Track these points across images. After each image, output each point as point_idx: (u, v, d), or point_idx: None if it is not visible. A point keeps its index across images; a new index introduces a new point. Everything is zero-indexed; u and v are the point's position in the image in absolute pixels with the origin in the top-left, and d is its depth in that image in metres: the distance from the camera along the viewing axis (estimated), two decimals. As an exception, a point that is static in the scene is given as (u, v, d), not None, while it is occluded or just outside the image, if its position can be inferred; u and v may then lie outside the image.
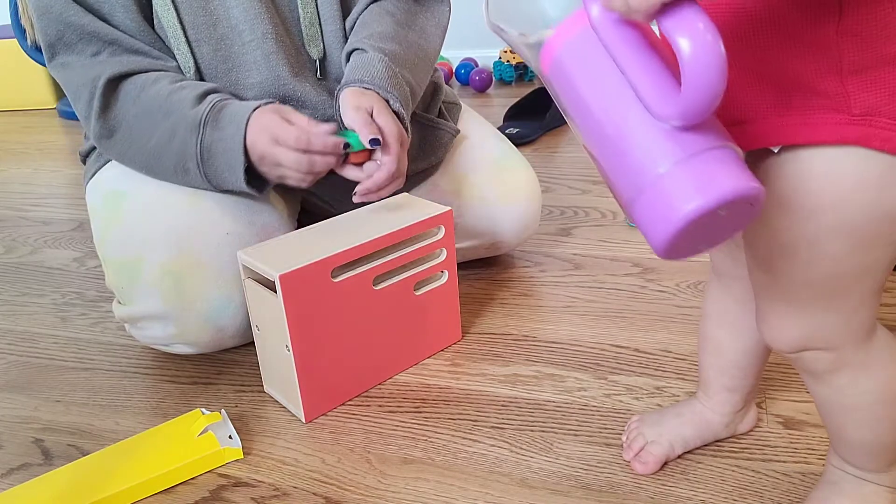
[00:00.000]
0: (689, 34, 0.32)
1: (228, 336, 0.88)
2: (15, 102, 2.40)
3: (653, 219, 0.36)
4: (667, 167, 0.36)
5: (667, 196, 0.36)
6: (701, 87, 0.33)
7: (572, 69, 0.38)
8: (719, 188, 0.35)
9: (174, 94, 0.82)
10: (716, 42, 0.33)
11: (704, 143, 0.36)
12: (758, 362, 0.67)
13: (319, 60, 0.93)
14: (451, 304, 0.91)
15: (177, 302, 0.83)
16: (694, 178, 0.35)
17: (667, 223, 0.36)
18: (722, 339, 0.66)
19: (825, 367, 0.53)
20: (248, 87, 0.89)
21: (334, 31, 0.92)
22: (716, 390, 0.69)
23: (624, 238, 1.18)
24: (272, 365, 0.82)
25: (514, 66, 2.23)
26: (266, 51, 0.87)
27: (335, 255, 0.76)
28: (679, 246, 0.37)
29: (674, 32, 0.33)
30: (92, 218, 0.92)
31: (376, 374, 0.86)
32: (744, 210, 0.38)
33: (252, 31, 0.86)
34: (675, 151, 0.36)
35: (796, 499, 0.66)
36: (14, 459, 0.78)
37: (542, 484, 0.70)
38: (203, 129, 0.80)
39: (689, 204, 0.35)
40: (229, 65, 0.88)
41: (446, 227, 0.86)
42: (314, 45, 0.92)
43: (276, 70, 0.88)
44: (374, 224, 0.82)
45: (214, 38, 0.87)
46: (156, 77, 0.84)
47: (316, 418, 0.81)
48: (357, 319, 0.81)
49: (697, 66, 0.33)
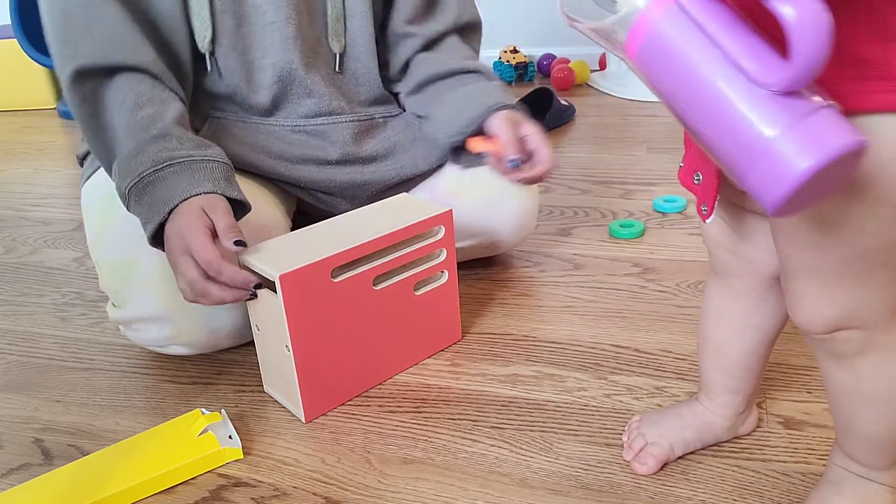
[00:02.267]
0: (791, 1, 0.34)
1: (223, 336, 0.88)
2: (15, 102, 2.40)
3: (770, 179, 0.38)
4: (780, 129, 0.37)
5: (783, 157, 0.37)
6: (810, 52, 0.35)
7: (667, 47, 0.40)
8: (833, 144, 0.37)
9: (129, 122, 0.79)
10: (820, 7, 0.34)
11: (811, 104, 0.38)
12: (759, 362, 0.66)
13: (339, 55, 0.95)
14: (451, 304, 0.91)
15: (171, 303, 0.83)
16: (808, 137, 0.37)
17: (786, 181, 0.38)
18: (723, 339, 0.66)
19: (854, 348, 0.52)
20: (262, 67, 0.90)
21: (359, 28, 0.94)
22: (717, 392, 0.69)
23: (624, 238, 1.18)
24: (272, 365, 0.82)
25: (514, 67, 2.23)
26: (284, 35, 0.89)
27: (335, 255, 0.76)
28: (793, 203, 0.40)
29: (775, 1, 0.34)
30: (86, 219, 0.92)
31: (376, 374, 0.86)
32: (850, 164, 0.39)
33: (275, 13, 0.88)
34: (785, 115, 0.37)
35: (796, 499, 0.66)
36: (14, 459, 0.78)
37: (542, 484, 0.70)
38: (128, 198, 0.77)
39: (808, 161, 0.37)
40: (247, 43, 0.89)
41: (446, 227, 0.86)
42: (336, 40, 0.94)
43: (289, 55, 0.90)
44: (374, 224, 0.82)
45: (239, 13, 0.88)
46: (123, 94, 0.81)
47: (316, 418, 0.81)
48: (357, 319, 0.81)
49: (805, 33, 0.34)
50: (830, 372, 0.56)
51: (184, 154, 0.76)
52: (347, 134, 0.96)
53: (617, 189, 1.38)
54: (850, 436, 0.58)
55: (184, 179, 0.75)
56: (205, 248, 0.71)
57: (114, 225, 0.87)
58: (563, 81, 2.12)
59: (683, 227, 1.20)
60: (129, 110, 0.79)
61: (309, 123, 0.95)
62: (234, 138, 0.93)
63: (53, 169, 1.80)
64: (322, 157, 0.95)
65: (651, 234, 1.19)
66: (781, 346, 0.86)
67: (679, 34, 0.39)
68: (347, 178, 0.97)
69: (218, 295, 0.73)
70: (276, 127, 0.95)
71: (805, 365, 0.83)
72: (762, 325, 0.64)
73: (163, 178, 0.75)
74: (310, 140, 0.95)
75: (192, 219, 0.72)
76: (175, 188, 0.74)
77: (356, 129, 0.97)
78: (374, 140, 0.99)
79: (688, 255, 1.11)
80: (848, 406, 0.57)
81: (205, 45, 0.88)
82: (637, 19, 0.40)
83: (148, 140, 0.77)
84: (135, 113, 0.79)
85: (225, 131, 0.93)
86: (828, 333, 0.52)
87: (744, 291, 0.62)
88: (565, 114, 1.82)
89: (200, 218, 0.73)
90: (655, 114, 1.84)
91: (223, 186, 0.76)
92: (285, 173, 0.94)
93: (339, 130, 0.95)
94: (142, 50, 0.82)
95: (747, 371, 0.67)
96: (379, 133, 1.00)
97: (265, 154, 0.94)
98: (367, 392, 0.85)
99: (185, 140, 0.78)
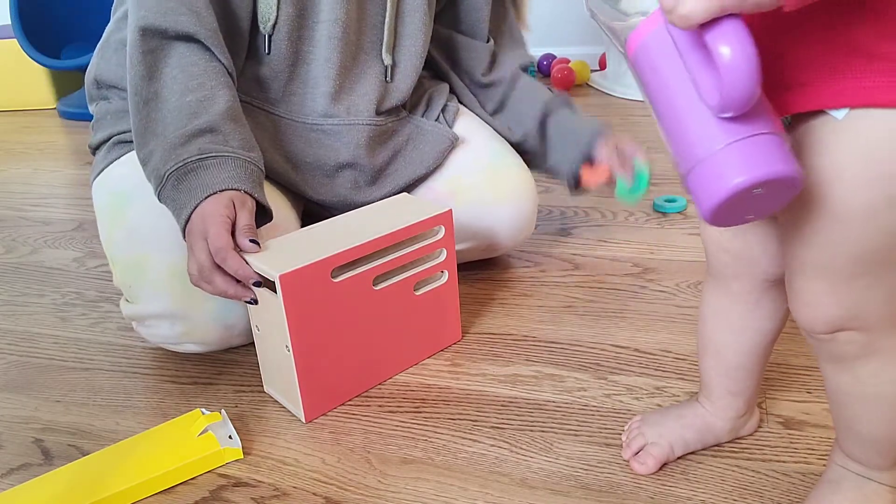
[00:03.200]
0: (723, 43, 0.39)
1: (236, 334, 0.88)
2: (15, 102, 2.40)
3: (703, 189, 0.43)
4: (719, 146, 0.42)
5: (716, 171, 0.43)
6: (735, 86, 0.39)
7: (650, 58, 0.46)
8: (758, 169, 0.42)
9: (178, 103, 0.81)
10: (751, 51, 0.39)
11: (751, 129, 0.42)
12: (759, 363, 0.66)
13: (389, 67, 0.98)
14: (452, 305, 0.91)
15: (185, 301, 0.83)
16: (739, 158, 0.42)
17: (714, 194, 0.43)
18: (721, 341, 0.66)
19: (855, 351, 0.52)
20: (309, 61, 0.93)
21: (409, 47, 0.98)
22: (719, 395, 0.69)
23: (624, 238, 1.18)
24: (272, 365, 0.82)
25: (514, 66, 2.23)
26: (330, 34, 0.91)
27: (335, 256, 0.76)
28: (724, 215, 0.45)
29: (711, 42, 0.39)
30: (98, 216, 0.93)
31: (376, 374, 0.86)
32: (784, 189, 0.44)
33: (330, 11, 0.90)
34: (727, 134, 0.42)
35: (796, 499, 0.66)
36: (14, 459, 0.78)
37: (542, 484, 0.70)
38: (164, 182, 0.78)
39: (733, 180, 0.42)
40: (301, 34, 0.92)
41: (446, 227, 0.86)
42: (388, 52, 0.97)
43: (329, 54, 0.92)
44: (374, 224, 0.82)
45: (300, 4, 0.90)
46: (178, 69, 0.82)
47: (316, 418, 0.81)
48: (357, 319, 0.81)
49: (732, 70, 0.39)
50: (830, 374, 0.56)
51: (229, 150, 0.78)
52: (362, 138, 0.96)
53: (617, 189, 1.38)
54: (850, 436, 0.58)
55: (225, 171, 0.77)
56: (219, 236, 0.73)
57: (127, 223, 0.87)
58: (563, 81, 2.12)
59: (683, 227, 1.20)
60: (180, 92, 0.81)
61: (327, 123, 0.95)
62: (258, 128, 0.93)
63: (53, 169, 1.80)
64: (333, 158, 0.96)
65: (651, 234, 1.19)
66: (781, 347, 0.86)
67: (660, 50, 0.45)
68: (351, 198, 0.98)
69: (221, 285, 0.75)
70: (298, 123, 0.95)
71: (805, 365, 0.83)
72: (760, 327, 0.64)
73: (206, 167, 0.77)
74: (324, 139, 0.95)
75: (219, 207, 0.75)
76: (216, 177, 0.77)
77: (371, 134, 0.97)
78: (381, 147, 0.99)
79: (687, 255, 1.11)
80: (848, 408, 0.57)
81: (267, 28, 0.90)
82: (635, 29, 0.46)
83: (195, 132, 0.78)
84: (184, 96, 0.80)
85: (252, 120, 0.93)
86: (830, 333, 0.52)
87: (741, 293, 0.62)
88: (565, 114, 1.82)
89: (227, 208, 0.75)
90: (655, 114, 1.84)
91: (258, 190, 0.79)
92: (293, 180, 0.95)
93: (355, 133, 0.96)
94: (204, 18, 0.83)
95: (747, 372, 0.67)
96: (388, 139, 1.00)
97: (280, 154, 0.94)
98: (367, 392, 0.85)
99: (232, 137, 0.80)
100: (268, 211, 0.81)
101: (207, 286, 0.76)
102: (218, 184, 0.76)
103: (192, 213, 0.76)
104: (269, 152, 0.93)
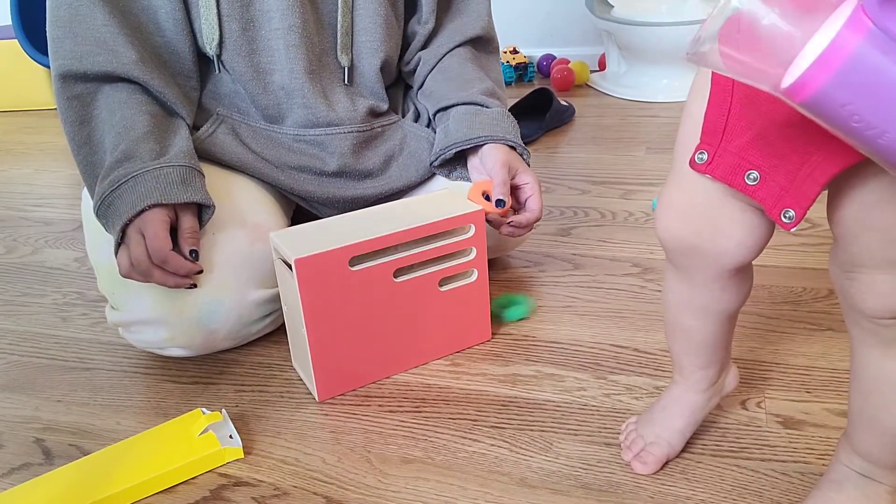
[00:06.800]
0: None
1: (220, 338, 0.88)
2: (15, 102, 2.40)
3: None
4: None
5: None
6: None
7: (866, 70, 0.37)
8: None
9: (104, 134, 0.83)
10: None
11: None
12: (726, 337, 0.66)
13: (348, 68, 0.96)
14: (481, 303, 0.90)
15: (167, 306, 0.83)
16: None
17: None
18: (690, 324, 0.65)
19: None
20: (268, 72, 0.92)
21: (365, 43, 0.95)
22: (690, 371, 0.69)
23: (624, 238, 1.18)
24: (295, 342, 0.86)
25: (514, 67, 2.23)
26: (288, 42, 0.89)
27: (352, 245, 0.78)
28: None
29: None
30: (85, 223, 0.92)
31: (396, 364, 0.87)
32: None
33: (282, 19, 0.89)
34: None
35: (796, 498, 0.66)
36: (15, 459, 0.78)
37: (542, 483, 0.70)
38: (101, 221, 0.80)
39: None
40: (253, 47, 0.90)
41: (477, 225, 0.86)
42: (345, 53, 0.95)
43: (292, 63, 0.90)
44: (401, 218, 0.83)
45: (246, 18, 0.89)
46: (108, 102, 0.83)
47: (330, 398, 0.83)
48: (375, 309, 0.82)
49: None
50: (873, 360, 0.55)
51: (138, 168, 0.78)
52: (346, 145, 0.95)
53: (616, 189, 1.38)
54: (871, 428, 0.57)
55: (136, 191, 0.77)
56: (157, 237, 0.75)
57: None
58: (562, 82, 2.13)
59: (683, 228, 1.20)
60: (108, 132, 0.82)
61: (308, 133, 0.95)
62: (237, 138, 0.93)
63: (54, 169, 1.80)
64: (320, 167, 0.95)
65: (651, 234, 1.19)
66: (781, 347, 0.86)
67: (881, 56, 0.37)
68: (341, 193, 0.97)
69: (160, 279, 0.78)
70: (279, 134, 0.95)
71: (805, 365, 0.83)
72: (726, 309, 0.63)
73: (120, 194, 0.78)
74: (309, 149, 0.95)
75: (157, 214, 0.77)
76: (127, 202, 0.77)
77: (356, 141, 0.96)
78: (371, 152, 0.98)
79: (687, 255, 1.11)
80: (878, 395, 0.56)
81: (212, 48, 0.89)
82: (830, 44, 0.37)
83: (112, 165, 0.80)
84: (109, 134, 0.82)
85: (229, 130, 0.93)
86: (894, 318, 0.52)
87: (705, 283, 0.61)
88: (565, 114, 1.82)
89: (168, 214, 0.78)
90: (655, 114, 1.84)
91: (176, 192, 0.78)
92: (283, 181, 0.95)
93: (339, 142, 0.95)
94: (121, 55, 0.83)
95: (714, 347, 0.66)
96: (377, 144, 0.99)
97: (265, 159, 0.94)
98: (367, 392, 0.85)
99: (146, 153, 0.80)
100: (210, 204, 0.81)
101: (141, 278, 0.78)
102: (128, 210, 0.76)
103: (121, 241, 0.78)
104: (253, 157, 0.93)
